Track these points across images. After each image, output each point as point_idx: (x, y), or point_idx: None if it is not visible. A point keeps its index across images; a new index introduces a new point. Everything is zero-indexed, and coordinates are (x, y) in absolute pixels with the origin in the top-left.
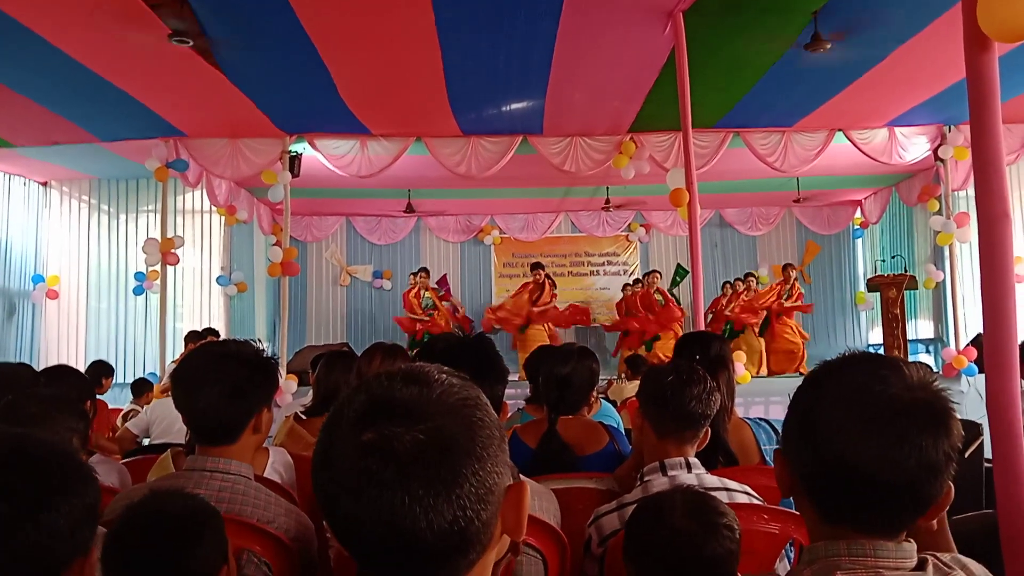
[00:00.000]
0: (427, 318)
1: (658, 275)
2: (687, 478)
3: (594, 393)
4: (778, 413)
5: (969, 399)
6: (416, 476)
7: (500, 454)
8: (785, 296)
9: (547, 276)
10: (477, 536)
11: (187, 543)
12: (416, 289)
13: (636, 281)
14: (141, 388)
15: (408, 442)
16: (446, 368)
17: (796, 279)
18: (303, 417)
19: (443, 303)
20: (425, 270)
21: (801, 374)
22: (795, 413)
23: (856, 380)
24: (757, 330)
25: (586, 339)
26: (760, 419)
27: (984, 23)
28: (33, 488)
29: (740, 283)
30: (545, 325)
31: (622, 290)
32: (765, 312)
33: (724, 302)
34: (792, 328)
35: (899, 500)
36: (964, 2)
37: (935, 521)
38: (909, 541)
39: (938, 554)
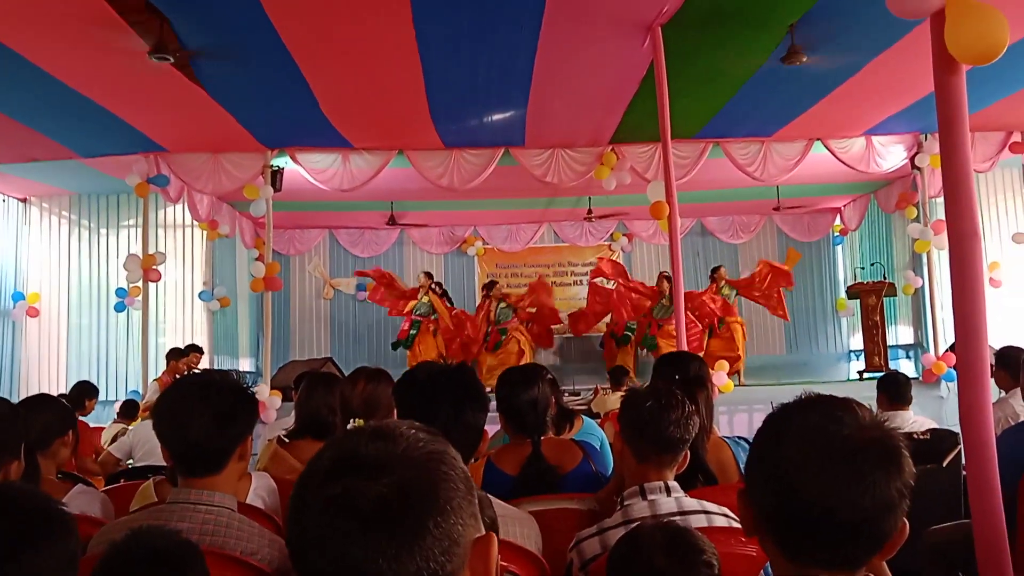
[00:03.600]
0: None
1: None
2: (666, 502)
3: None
4: (762, 420)
5: (948, 404)
6: (379, 529)
7: (466, 506)
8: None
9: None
10: None
11: None
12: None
13: None
14: (130, 410)
15: (372, 496)
16: (416, 424)
17: (720, 285)
18: (286, 441)
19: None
20: (428, 274)
21: None
22: (755, 454)
23: (811, 421)
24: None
25: (580, 345)
26: (739, 438)
27: (952, 46)
28: (13, 534)
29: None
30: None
31: None
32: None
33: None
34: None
35: (856, 537)
36: (932, 25)
37: None
38: None
39: None
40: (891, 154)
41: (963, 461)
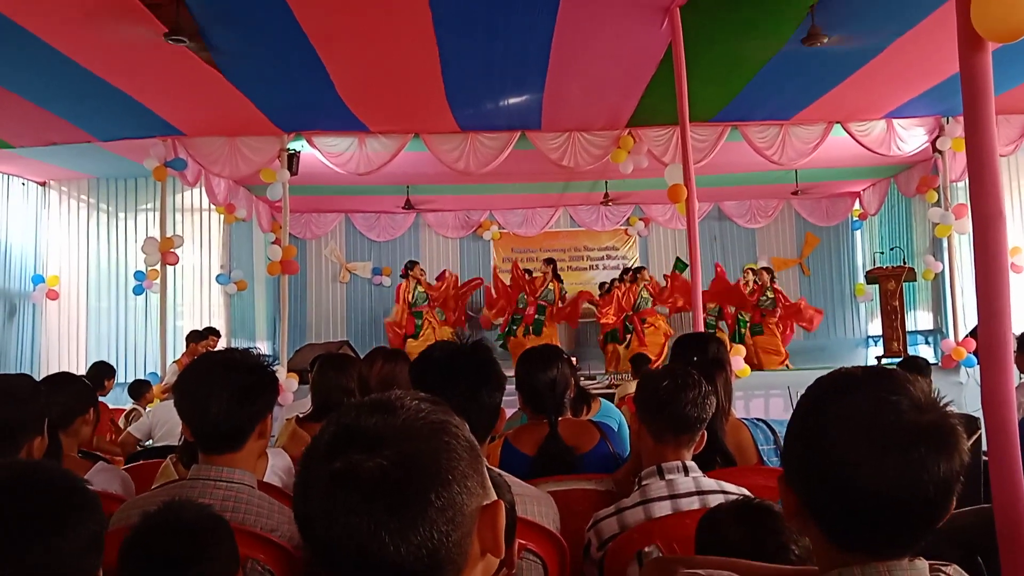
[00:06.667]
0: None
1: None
2: (684, 481)
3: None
4: (778, 407)
5: (968, 390)
6: (381, 501)
7: (471, 474)
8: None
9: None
10: (450, 557)
11: (202, 552)
12: (408, 284)
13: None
14: (140, 389)
15: (372, 468)
16: (419, 395)
17: (755, 282)
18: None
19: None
20: (412, 262)
21: None
22: (798, 440)
23: (863, 406)
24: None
25: (595, 331)
26: (757, 419)
27: (978, 23)
28: (38, 514)
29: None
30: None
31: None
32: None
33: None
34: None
35: (915, 522)
36: (957, 1)
37: None
38: (921, 560)
39: (944, 568)
40: (912, 137)
41: (983, 446)
